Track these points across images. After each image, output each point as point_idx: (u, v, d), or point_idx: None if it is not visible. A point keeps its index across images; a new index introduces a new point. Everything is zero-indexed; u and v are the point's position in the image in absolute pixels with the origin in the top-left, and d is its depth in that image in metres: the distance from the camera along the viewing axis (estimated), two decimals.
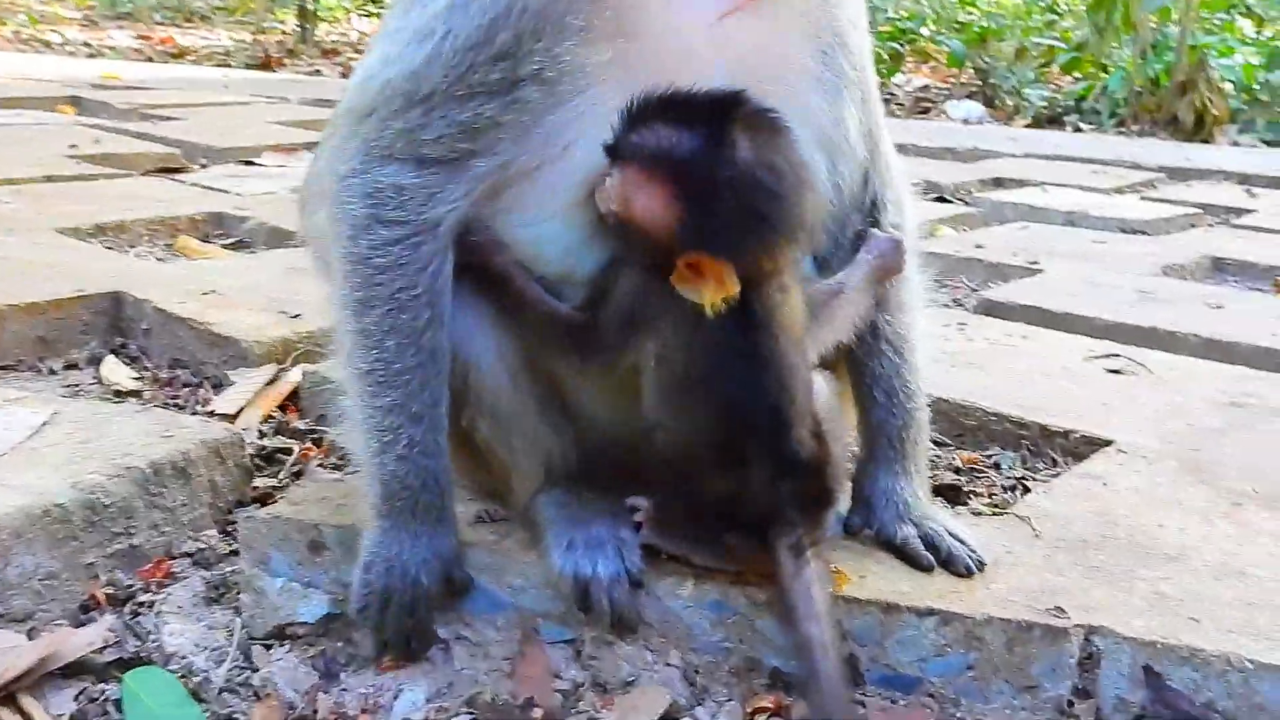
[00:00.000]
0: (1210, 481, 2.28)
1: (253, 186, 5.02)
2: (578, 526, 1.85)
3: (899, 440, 1.98)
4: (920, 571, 1.87)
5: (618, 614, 1.80)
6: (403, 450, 1.82)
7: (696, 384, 1.73)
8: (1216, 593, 1.84)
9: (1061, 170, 6.69)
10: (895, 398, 1.97)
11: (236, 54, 13.63)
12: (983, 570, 1.86)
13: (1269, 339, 3.27)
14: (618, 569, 1.80)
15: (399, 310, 1.78)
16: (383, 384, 1.81)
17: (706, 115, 1.66)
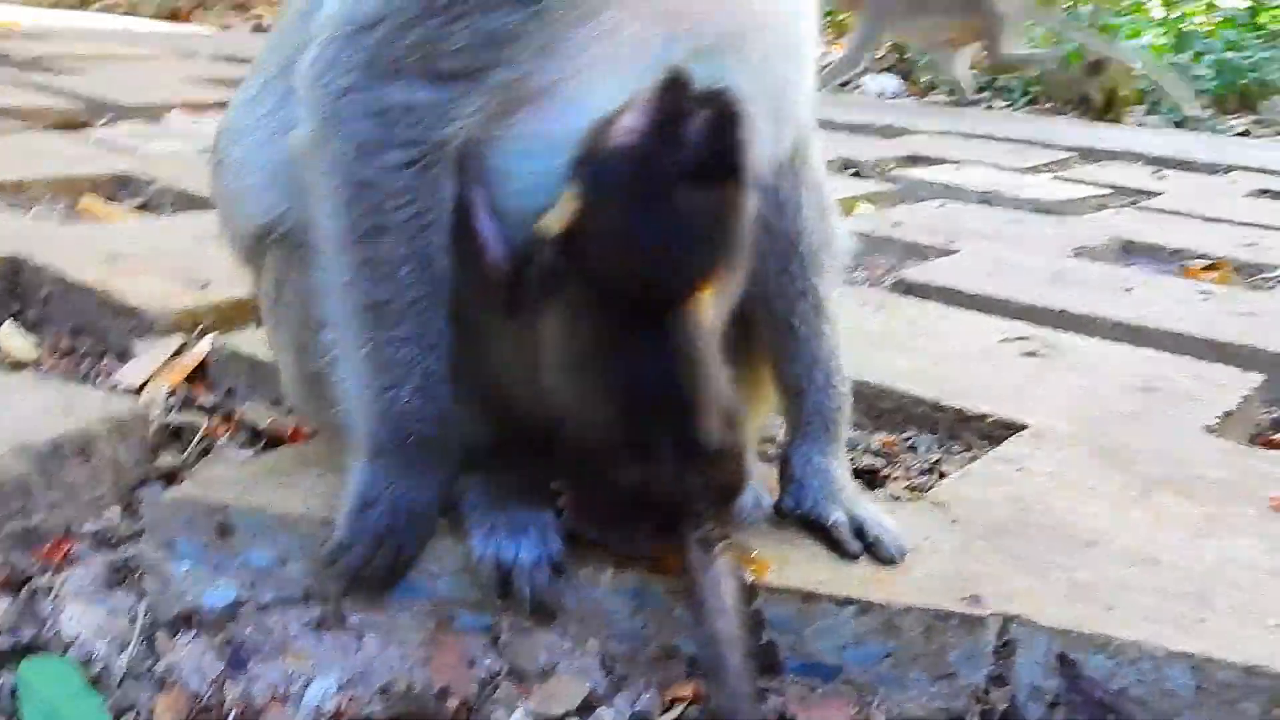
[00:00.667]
0: (1123, 467, 2.31)
1: (160, 146, 4.87)
2: (498, 511, 1.82)
3: (833, 422, 1.97)
4: (844, 558, 1.86)
5: (538, 600, 1.77)
6: (419, 382, 1.72)
7: (600, 364, 1.69)
8: (1130, 580, 1.86)
9: (978, 148, 6.76)
10: (832, 379, 1.97)
11: (144, 4, 13.23)
12: (904, 558, 1.86)
13: (1177, 323, 3.32)
14: (539, 554, 1.77)
15: (413, 237, 1.68)
16: (396, 315, 1.70)
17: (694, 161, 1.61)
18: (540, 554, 1.77)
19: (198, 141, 5.03)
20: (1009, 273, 3.81)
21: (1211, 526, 2.07)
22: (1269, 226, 4.97)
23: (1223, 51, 11.12)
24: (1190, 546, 1.99)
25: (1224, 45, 11.30)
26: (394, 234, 1.68)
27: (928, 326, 3.17)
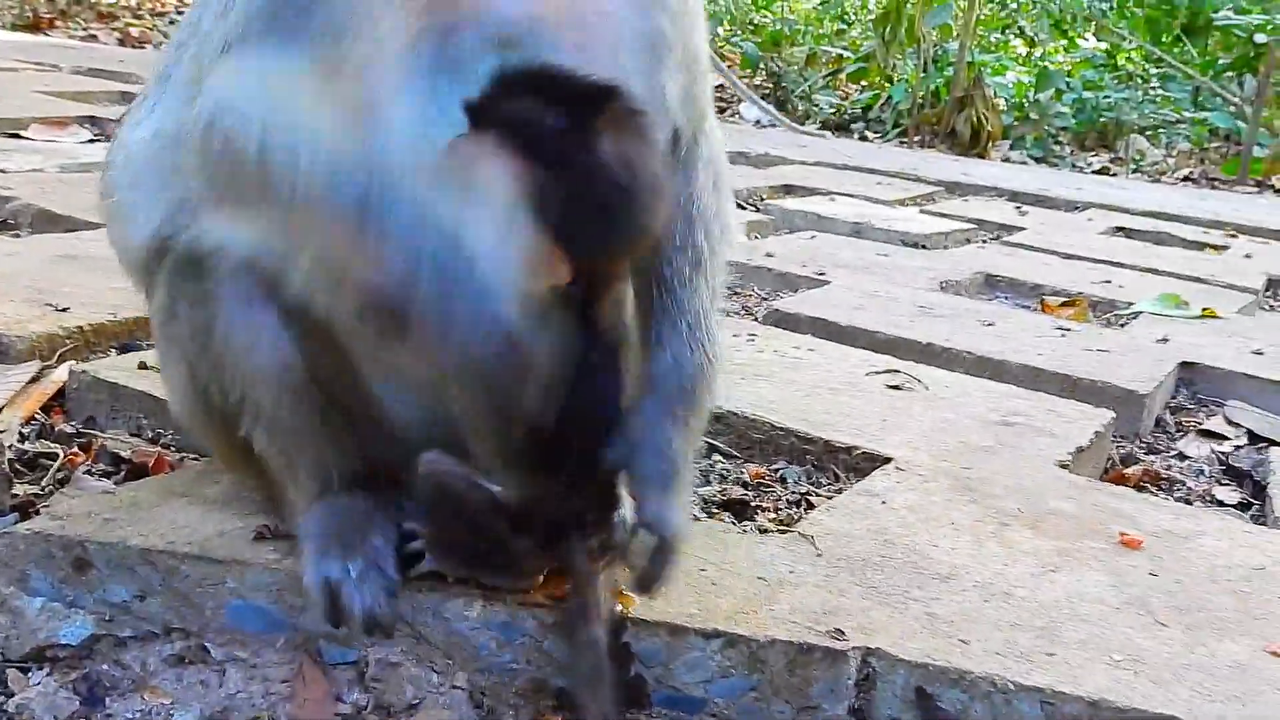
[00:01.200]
0: (980, 500, 2.39)
1: (18, 162, 4.71)
2: (333, 534, 1.80)
3: (691, 380, 1.81)
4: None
5: (370, 616, 1.73)
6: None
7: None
8: (984, 613, 1.93)
9: (849, 180, 6.91)
10: (696, 332, 1.82)
11: (1, 13, 12.79)
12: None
13: (1035, 358, 3.44)
14: (366, 567, 1.74)
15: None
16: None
17: (577, 99, 1.61)
18: (366, 568, 1.74)
19: (58, 158, 4.90)
20: (877, 305, 3.91)
21: (1062, 561, 2.15)
22: (1123, 264, 5.16)
23: (1082, 91, 11.56)
24: (1041, 581, 2.06)
25: (1083, 84, 11.75)
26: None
27: (798, 358, 3.23)
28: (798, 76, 12.40)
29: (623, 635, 1.79)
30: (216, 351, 1.79)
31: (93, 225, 3.75)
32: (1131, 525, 2.34)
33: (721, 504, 2.42)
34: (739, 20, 13.93)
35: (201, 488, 2.09)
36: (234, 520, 1.96)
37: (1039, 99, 11.25)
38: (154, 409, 2.54)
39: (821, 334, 3.55)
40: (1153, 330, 4.01)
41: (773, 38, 13.08)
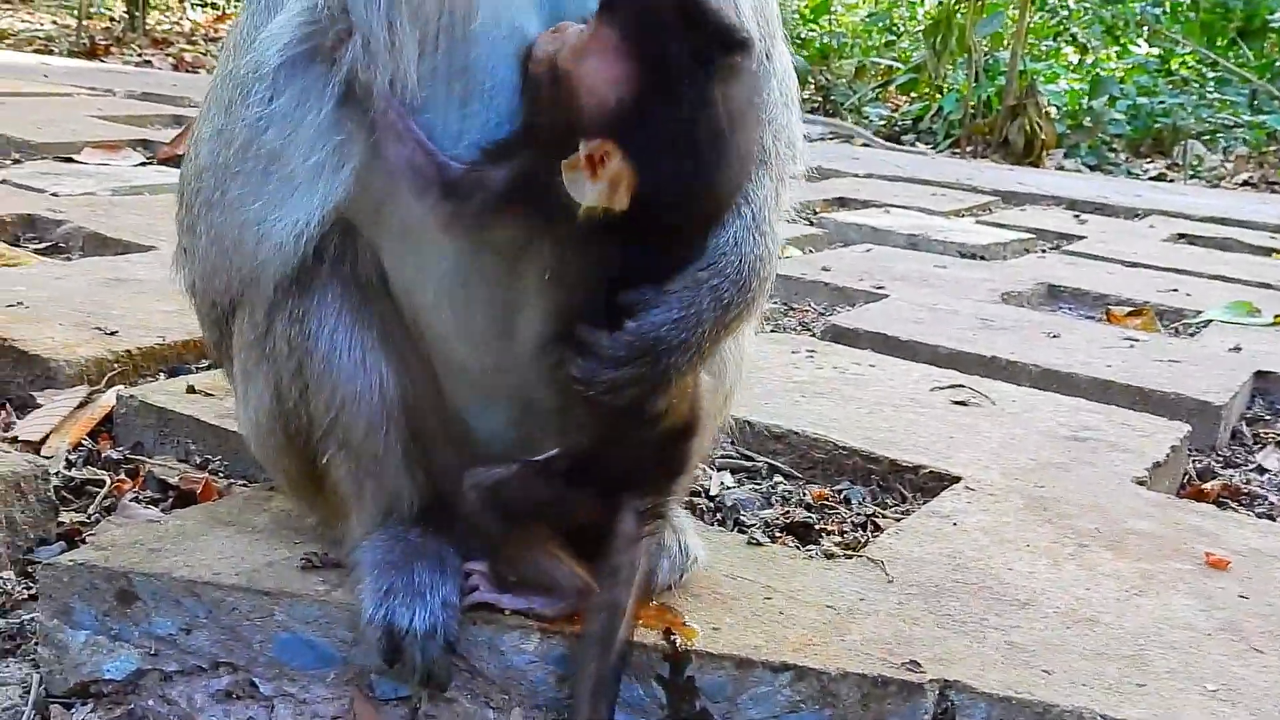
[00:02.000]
0: (1055, 520, 2.28)
1: (70, 186, 4.72)
2: (399, 571, 1.74)
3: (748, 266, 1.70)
4: None
5: (428, 670, 1.69)
6: None
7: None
8: (1067, 641, 1.82)
9: (903, 192, 6.80)
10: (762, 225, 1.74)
11: (60, 40, 12.96)
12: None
13: (1104, 370, 3.32)
14: (435, 623, 1.69)
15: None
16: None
17: (710, 37, 1.55)
18: (435, 623, 1.69)
19: (110, 181, 4.90)
20: (937, 319, 3.80)
21: (1146, 584, 2.04)
22: (1188, 272, 5.02)
23: (1136, 97, 11.37)
24: (1125, 605, 1.96)
25: (1137, 90, 11.56)
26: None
27: (858, 374, 3.13)
28: (847, 89, 12.30)
29: (686, 669, 1.71)
30: (312, 371, 1.75)
31: (142, 248, 3.74)
32: (1216, 544, 2.23)
33: (785, 527, 2.33)
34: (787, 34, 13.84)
35: (249, 515, 2.03)
36: (281, 549, 1.91)
37: (1092, 106, 11.07)
38: (201, 434, 2.49)
39: (882, 349, 3.46)
40: (1224, 339, 3.88)
41: (821, 51, 12.99)
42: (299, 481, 1.91)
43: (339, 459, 1.79)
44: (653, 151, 1.53)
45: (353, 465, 1.79)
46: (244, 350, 1.85)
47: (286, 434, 1.83)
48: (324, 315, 1.73)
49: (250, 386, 1.86)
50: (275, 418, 1.83)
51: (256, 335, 1.80)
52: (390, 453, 1.78)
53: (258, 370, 1.82)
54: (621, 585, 1.66)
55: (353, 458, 1.78)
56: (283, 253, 1.70)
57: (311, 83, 1.63)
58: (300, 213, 1.67)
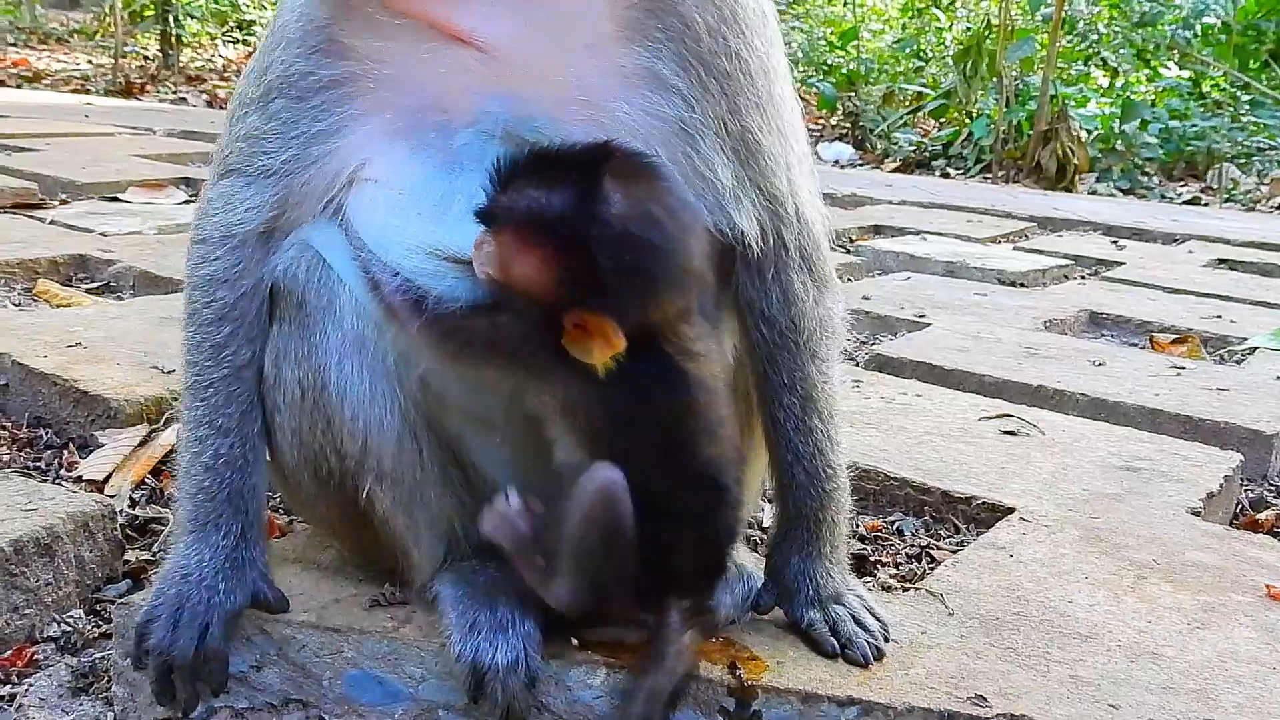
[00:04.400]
0: (1111, 552, 2.28)
1: (118, 225, 4.79)
2: (481, 607, 1.76)
3: (815, 521, 1.89)
4: (825, 658, 1.81)
5: (509, 705, 1.71)
6: (209, 460, 1.79)
7: (620, 435, 1.65)
8: (1131, 675, 1.82)
9: (937, 218, 6.80)
10: (816, 478, 1.87)
11: (96, 79, 13.16)
12: (880, 659, 1.80)
13: (1152, 399, 3.32)
14: (517, 657, 1.71)
15: (203, 324, 1.80)
16: (194, 397, 1.82)
17: (575, 170, 1.59)
18: (517, 658, 1.71)
19: (155, 220, 4.97)
20: (981, 347, 3.81)
21: (1208, 616, 2.04)
22: (1231, 298, 5.00)
23: (1168, 120, 11.33)
24: (1189, 639, 1.95)
25: (1169, 114, 11.52)
26: (193, 321, 1.82)
27: (905, 404, 3.14)
28: (876, 115, 12.32)
29: (752, 704, 1.72)
30: (330, 406, 1.76)
31: None
32: (1276, 576, 2.22)
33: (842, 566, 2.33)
34: (815, 61, 13.88)
35: (313, 553, 2.06)
36: (348, 586, 1.93)
37: (1124, 130, 11.03)
38: None
39: (927, 378, 3.46)
40: (1271, 366, 3.86)
41: (849, 77, 13.02)
42: (341, 524, 1.93)
43: (380, 493, 1.81)
44: (615, 288, 1.58)
45: (395, 495, 1.81)
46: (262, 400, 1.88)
47: (319, 479, 1.84)
48: (329, 345, 1.75)
49: (274, 436, 1.87)
50: (304, 465, 1.84)
51: (267, 386, 1.83)
52: (429, 478, 1.80)
53: (275, 417, 1.84)
54: (663, 674, 1.68)
55: (392, 486, 1.80)
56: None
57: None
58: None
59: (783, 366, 1.84)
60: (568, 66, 1.67)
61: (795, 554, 1.91)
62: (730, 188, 1.71)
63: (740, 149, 1.73)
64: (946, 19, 14.22)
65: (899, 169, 10.92)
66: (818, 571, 1.90)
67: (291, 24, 1.73)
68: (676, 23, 1.68)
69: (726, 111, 1.71)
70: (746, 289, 1.82)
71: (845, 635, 1.82)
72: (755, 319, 1.83)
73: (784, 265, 1.81)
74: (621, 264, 1.58)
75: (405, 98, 1.67)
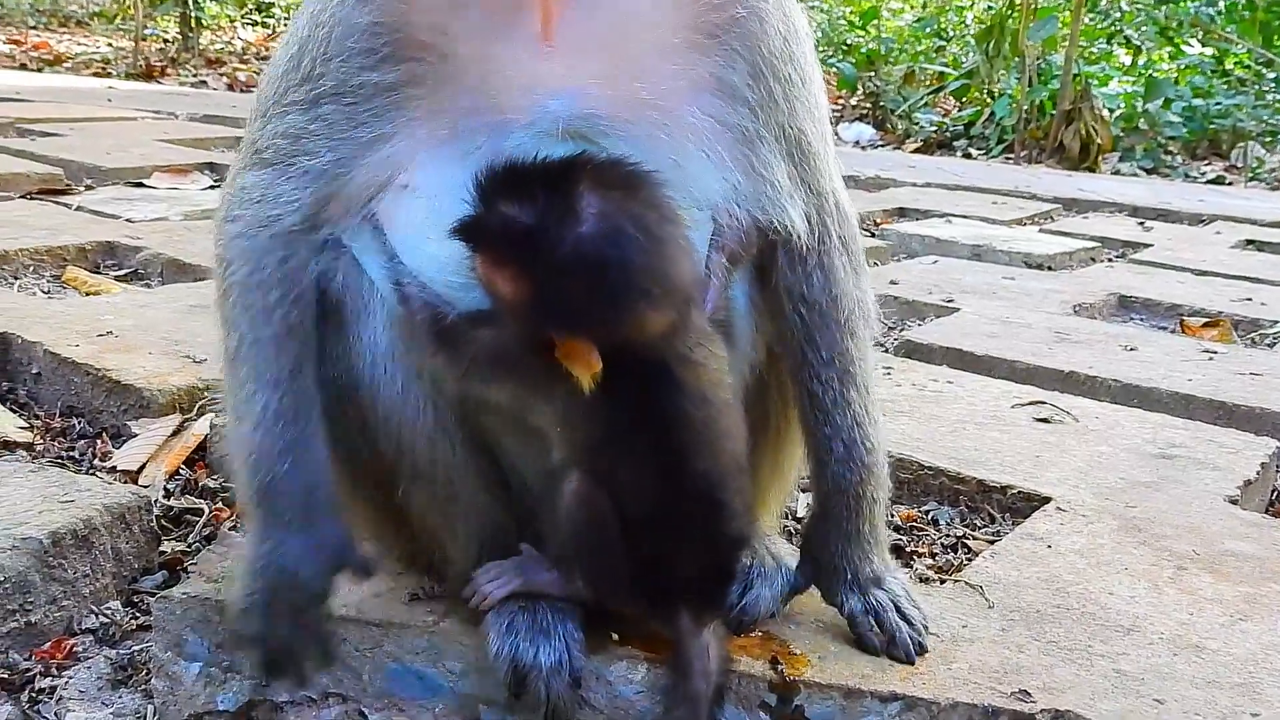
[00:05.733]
0: (1150, 542, 2.27)
1: (144, 211, 4.80)
2: (519, 609, 1.75)
3: (855, 497, 1.85)
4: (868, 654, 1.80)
5: (553, 706, 1.70)
6: (259, 419, 1.71)
7: (612, 450, 1.63)
8: (1175, 669, 1.81)
9: (962, 200, 6.76)
10: (855, 450, 1.84)
11: (116, 62, 13.18)
12: (924, 654, 1.79)
13: (1185, 384, 3.29)
14: (560, 658, 1.71)
15: (246, 290, 1.73)
16: (240, 358, 1.74)
17: (548, 185, 1.55)
18: (560, 658, 1.71)
19: (181, 205, 4.98)
20: (1011, 332, 3.78)
21: (1250, 608, 2.02)
22: (1261, 280, 4.96)
23: (1192, 98, 11.23)
24: (1232, 631, 1.94)
25: (1193, 92, 11.42)
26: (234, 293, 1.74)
27: (937, 391, 3.12)
28: (896, 95, 12.25)
29: (794, 699, 1.71)
30: (364, 407, 1.75)
31: None
32: None
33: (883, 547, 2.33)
34: (834, 41, 13.81)
35: None
36: (386, 580, 1.93)
37: (1148, 109, 10.95)
38: None
39: (957, 364, 3.45)
40: None
41: (869, 57, 12.95)
42: (378, 522, 1.92)
43: (415, 492, 1.80)
44: (583, 308, 1.55)
45: (430, 494, 1.80)
46: None
47: (354, 478, 1.84)
48: (362, 348, 1.73)
49: None
50: (339, 464, 1.82)
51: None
52: (464, 475, 1.79)
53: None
54: (697, 677, 1.66)
55: (427, 485, 1.79)
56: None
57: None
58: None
59: (821, 343, 1.84)
60: (638, 69, 1.66)
61: (834, 533, 1.87)
62: (786, 188, 1.76)
63: (795, 152, 1.78)
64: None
65: (920, 149, 10.86)
66: (857, 553, 1.88)
67: (343, 23, 1.69)
68: (751, 32, 1.71)
69: (786, 118, 1.76)
70: (786, 276, 1.82)
71: (890, 628, 1.81)
72: (795, 303, 1.83)
73: (826, 251, 1.84)
74: (587, 284, 1.54)
75: (462, 98, 1.65)
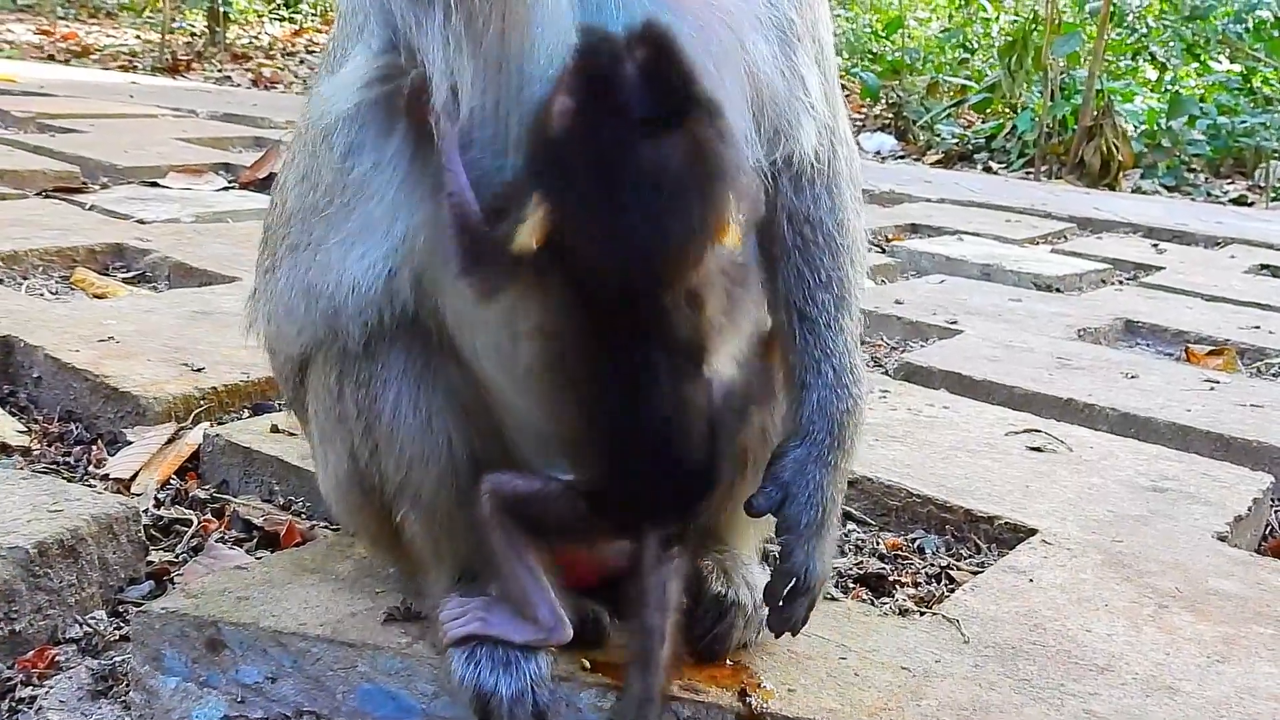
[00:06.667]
0: (1134, 578, 2.26)
1: (156, 212, 4.83)
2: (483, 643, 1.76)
3: (840, 425, 1.78)
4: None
5: None
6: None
7: (576, 378, 1.60)
8: (1146, 711, 1.81)
9: (976, 217, 6.74)
10: (845, 377, 1.78)
11: (143, 55, 13.27)
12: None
13: (1184, 415, 3.28)
14: (521, 688, 1.72)
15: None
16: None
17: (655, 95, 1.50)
18: (523, 689, 1.72)
19: (193, 206, 5.01)
20: (1013, 357, 3.78)
21: (1228, 649, 2.02)
22: (1271, 307, 4.92)
23: (1217, 116, 11.16)
24: (1207, 673, 1.94)
25: (1218, 110, 11.35)
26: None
27: (932, 416, 3.12)
28: (919, 106, 12.22)
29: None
30: (382, 432, 1.77)
31: (226, 279, 3.82)
32: None
33: (858, 578, 2.34)
34: (859, 49, 13.79)
35: (332, 563, 2.07)
36: (364, 600, 1.94)
37: (1171, 126, 10.88)
38: (285, 474, 2.55)
39: (956, 389, 3.44)
40: None
41: (893, 67, 12.92)
42: (379, 537, 1.94)
43: (412, 517, 1.82)
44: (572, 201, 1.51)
45: (426, 523, 1.82)
46: (320, 414, 1.89)
47: (363, 491, 1.85)
48: (388, 378, 1.75)
49: (329, 449, 1.89)
50: (351, 477, 1.85)
51: (331, 400, 1.83)
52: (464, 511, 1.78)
53: (334, 434, 1.85)
54: (652, 609, 1.63)
55: (425, 516, 1.81)
56: (358, 294, 1.72)
57: (385, 128, 1.65)
58: (378, 253, 1.70)
59: (821, 265, 1.80)
60: None
61: (814, 461, 1.77)
62: (815, 94, 1.74)
63: (821, 61, 1.78)
64: (994, 9, 14.06)
65: (940, 162, 10.83)
66: (829, 490, 1.78)
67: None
68: None
69: (813, 25, 1.76)
70: (789, 198, 1.78)
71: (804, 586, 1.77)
72: (799, 224, 1.79)
73: (836, 175, 1.81)
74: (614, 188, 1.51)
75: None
